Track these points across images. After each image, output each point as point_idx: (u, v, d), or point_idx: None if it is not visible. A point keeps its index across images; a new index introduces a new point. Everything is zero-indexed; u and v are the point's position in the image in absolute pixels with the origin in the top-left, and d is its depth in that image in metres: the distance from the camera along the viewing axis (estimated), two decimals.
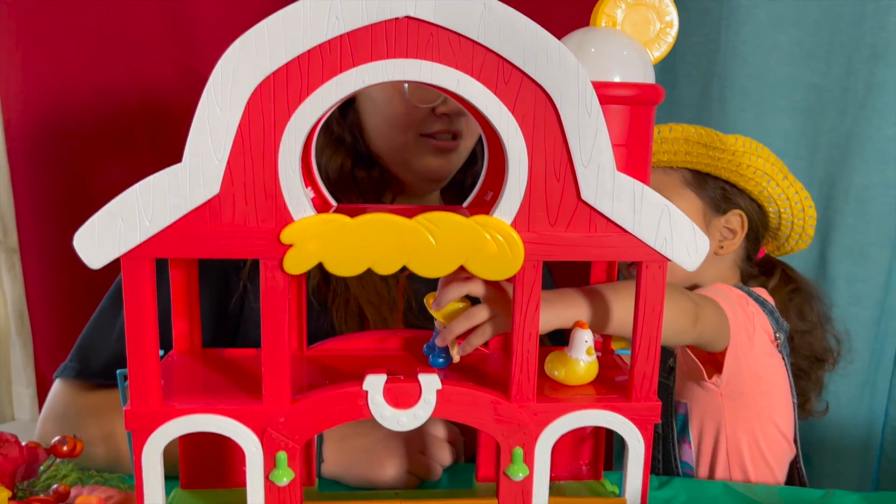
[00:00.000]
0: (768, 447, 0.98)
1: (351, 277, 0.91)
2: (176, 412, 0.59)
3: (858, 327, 1.24)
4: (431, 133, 0.94)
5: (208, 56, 1.34)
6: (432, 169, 0.96)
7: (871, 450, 1.33)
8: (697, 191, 1.00)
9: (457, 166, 1.00)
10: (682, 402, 1.00)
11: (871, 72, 1.18)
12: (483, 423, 0.62)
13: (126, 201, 0.56)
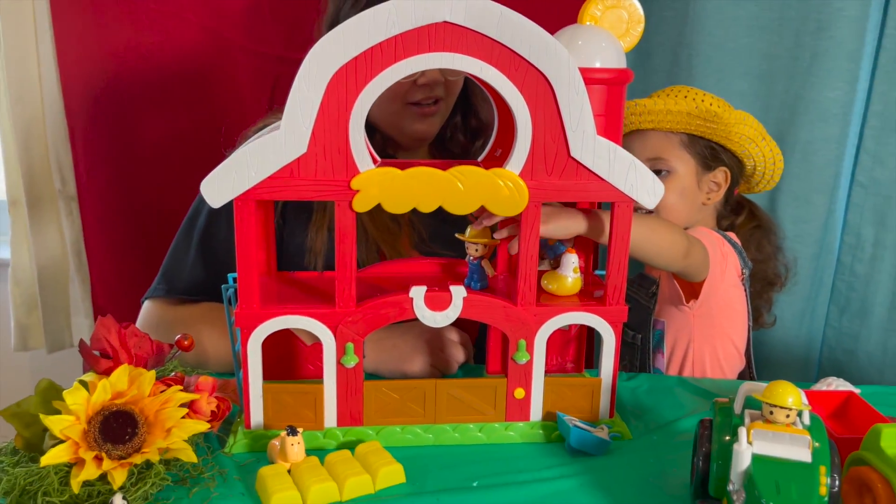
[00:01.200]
0: (724, 358, 1.22)
1: (368, 221, 1.11)
2: (273, 313, 0.81)
3: (801, 262, 1.47)
4: (416, 101, 1.12)
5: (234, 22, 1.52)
6: (419, 131, 1.15)
7: (811, 365, 1.57)
8: (691, 152, 1.19)
9: (440, 126, 1.19)
10: (659, 321, 1.22)
11: (816, 43, 1.37)
12: (497, 321, 0.84)
13: (239, 158, 0.75)
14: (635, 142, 1.19)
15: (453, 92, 1.16)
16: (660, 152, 1.15)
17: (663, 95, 1.18)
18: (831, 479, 0.67)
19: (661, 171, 1.16)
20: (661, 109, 1.12)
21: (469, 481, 0.78)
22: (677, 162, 1.16)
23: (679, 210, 1.19)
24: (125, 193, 1.56)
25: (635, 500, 0.76)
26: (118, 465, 0.71)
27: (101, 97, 1.51)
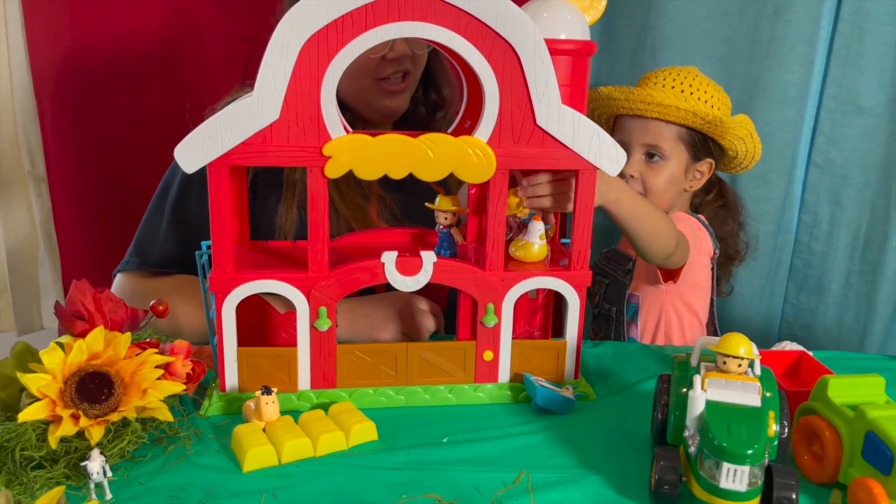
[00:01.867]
0: (689, 329, 1.27)
1: (338, 199, 1.13)
2: (247, 278, 0.83)
3: (761, 240, 1.52)
4: (385, 76, 1.14)
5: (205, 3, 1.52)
6: (389, 107, 1.17)
7: (771, 339, 1.62)
8: (685, 143, 1.24)
9: (407, 101, 1.21)
10: (635, 295, 1.28)
11: (774, 27, 1.42)
12: (466, 286, 0.87)
13: (212, 124, 0.77)
14: (636, 125, 1.22)
15: (420, 65, 1.19)
16: (658, 140, 1.20)
17: (668, 86, 1.21)
18: (780, 425, 0.71)
19: (655, 157, 1.22)
20: (670, 104, 1.17)
21: (439, 438, 0.81)
22: (672, 151, 1.22)
23: (665, 194, 1.25)
24: (95, 174, 1.56)
25: (598, 452, 0.79)
26: (95, 422, 0.72)
27: (71, 78, 1.51)
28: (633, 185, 1.22)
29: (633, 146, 1.23)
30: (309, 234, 0.82)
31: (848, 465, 0.72)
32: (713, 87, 1.23)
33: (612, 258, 1.32)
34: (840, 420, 0.73)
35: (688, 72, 1.24)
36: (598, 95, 1.26)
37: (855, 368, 1.02)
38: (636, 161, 1.23)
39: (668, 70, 1.25)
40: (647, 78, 1.26)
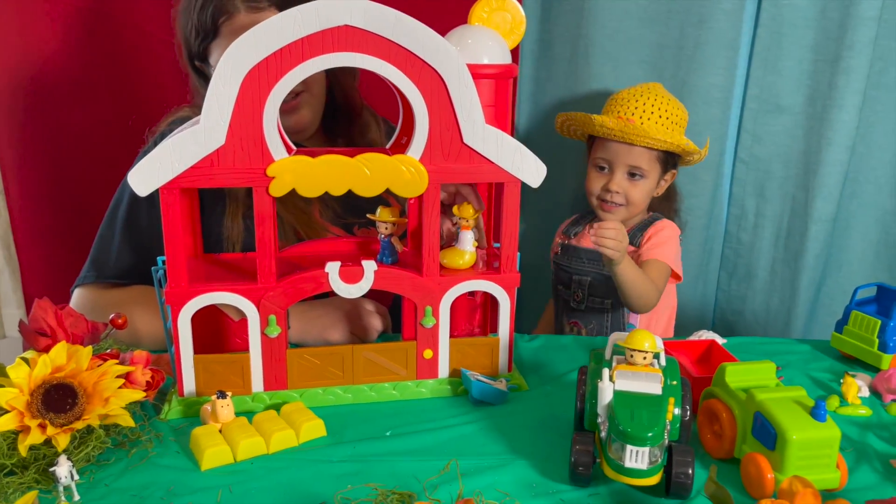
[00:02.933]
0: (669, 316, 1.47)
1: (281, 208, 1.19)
2: (200, 290, 0.89)
3: (693, 232, 1.62)
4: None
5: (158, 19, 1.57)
6: (290, 125, 1.22)
7: (706, 324, 1.73)
8: (660, 162, 1.38)
9: (313, 114, 1.25)
10: None
11: (698, 33, 1.51)
12: (405, 291, 0.95)
13: (162, 150, 0.83)
14: (621, 148, 1.36)
15: (313, 82, 1.22)
16: (641, 162, 1.35)
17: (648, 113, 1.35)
18: (682, 409, 0.80)
19: (636, 175, 1.37)
20: (661, 138, 1.32)
21: (383, 431, 0.89)
22: (651, 171, 1.37)
23: (642, 204, 1.41)
24: (53, 184, 1.60)
25: (527, 438, 0.88)
26: (61, 430, 0.78)
27: (26, 91, 1.55)
28: (616, 199, 1.37)
29: (617, 166, 1.36)
30: (257, 248, 0.89)
31: (741, 442, 0.81)
32: (680, 109, 1.40)
33: (586, 258, 1.43)
34: (735, 402, 0.83)
35: (661, 97, 1.38)
36: (590, 120, 1.37)
37: (765, 353, 1.13)
38: (620, 179, 1.37)
39: (644, 96, 1.37)
40: (625, 103, 1.37)
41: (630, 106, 1.37)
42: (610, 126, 1.34)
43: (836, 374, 1.07)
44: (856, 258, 1.65)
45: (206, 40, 1.16)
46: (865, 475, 0.82)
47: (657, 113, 1.36)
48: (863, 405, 0.96)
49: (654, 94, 1.39)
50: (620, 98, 1.40)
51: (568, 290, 1.45)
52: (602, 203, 1.41)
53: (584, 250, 1.45)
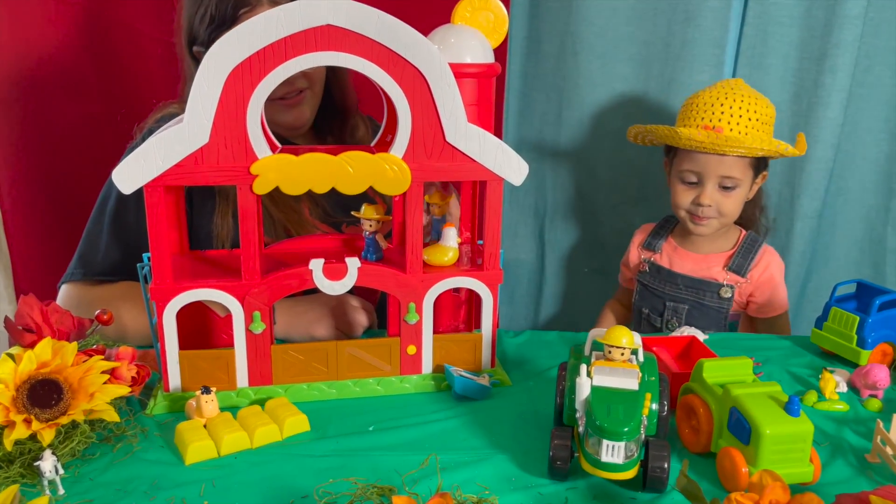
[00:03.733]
0: None
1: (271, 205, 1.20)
2: (185, 287, 0.90)
3: None
4: (280, 96, 1.20)
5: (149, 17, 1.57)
6: (289, 121, 1.24)
7: None
8: (753, 168, 1.33)
9: (312, 111, 1.27)
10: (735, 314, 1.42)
11: (685, 31, 1.52)
12: (389, 288, 0.96)
13: (147, 148, 0.84)
14: (710, 159, 1.29)
15: (315, 80, 1.24)
16: (734, 172, 1.29)
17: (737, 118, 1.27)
18: (660, 404, 0.81)
19: (729, 187, 1.31)
20: (751, 146, 1.25)
21: (366, 426, 0.90)
22: (744, 179, 1.32)
23: (735, 214, 1.36)
24: (44, 179, 1.60)
25: (507, 432, 0.89)
26: (46, 425, 0.79)
27: (14, 88, 1.54)
28: (708, 213, 1.31)
29: (708, 178, 1.30)
30: (241, 245, 0.90)
31: (718, 437, 0.83)
32: (766, 105, 1.31)
33: (683, 285, 1.40)
34: (711, 398, 0.84)
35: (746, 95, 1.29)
36: (675, 134, 1.29)
37: (746, 348, 1.14)
38: (711, 191, 1.31)
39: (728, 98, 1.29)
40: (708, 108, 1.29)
41: (715, 112, 1.28)
42: (699, 139, 1.26)
43: (815, 369, 1.08)
44: (841, 254, 1.67)
45: (219, 28, 1.13)
46: (839, 469, 0.83)
47: (746, 115, 1.27)
48: (840, 400, 0.98)
49: (738, 94, 1.29)
50: (701, 103, 1.31)
51: (659, 317, 1.42)
52: (693, 216, 1.35)
53: (680, 276, 1.40)
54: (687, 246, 1.44)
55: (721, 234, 1.41)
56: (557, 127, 1.64)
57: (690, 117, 1.33)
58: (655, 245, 1.46)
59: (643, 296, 1.46)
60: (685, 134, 1.29)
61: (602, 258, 1.71)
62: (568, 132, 1.64)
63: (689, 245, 1.44)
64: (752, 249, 1.39)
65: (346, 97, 1.34)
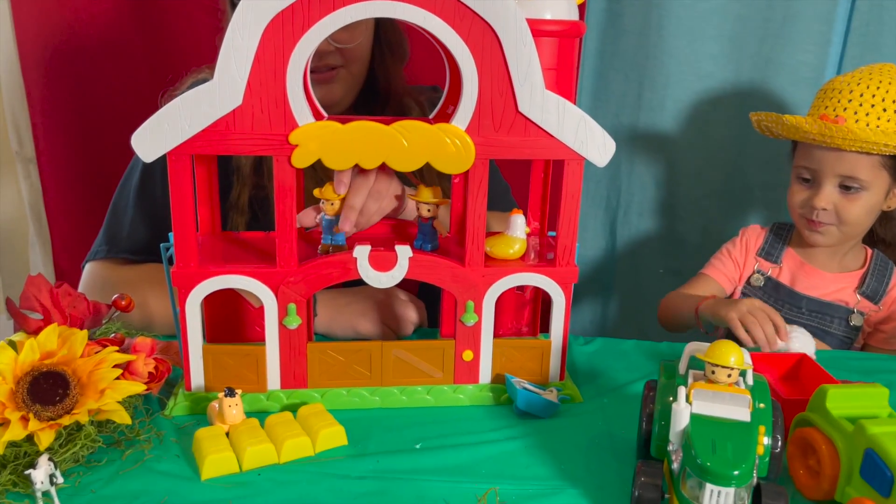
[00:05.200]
0: None
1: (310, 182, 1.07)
2: (212, 272, 0.78)
3: None
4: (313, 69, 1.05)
5: None
6: (323, 98, 1.08)
7: None
8: (887, 167, 1.11)
9: (346, 92, 1.13)
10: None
11: (788, 4, 1.35)
12: (444, 283, 0.82)
13: (171, 110, 0.72)
14: (828, 154, 1.10)
15: (355, 59, 1.11)
16: (855, 171, 1.09)
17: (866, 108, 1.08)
18: (773, 439, 0.66)
19: (852, 188, 1.11)
20: (873, 140, 1.05)
21: (412, 443, 0.77)
22: (873, 180, 1.11)
23: (863, 223, 1.15)
24: (85, 154, 1.53)
25: (579, 461, 0.75)
26: (46, 426, 0.69)
27: (59, 58, 1.47)
28: (825, 218, 1.12)
29: (825, 176, 1.11)
30: (276, 226, 0.78)
31: (845, 483, 0.67)
32: None
33: (807, 308, 1.20)
34: (838, 434, 0.68)
35: (887, 82, 1.08)
36: (779, 121, 1.14)
37: (861, 369, 0.97)
38: (828, 192, 1.11)
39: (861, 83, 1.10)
40: (837, 94, 1.11)
41: (843, 99, 1.09)
42: (807, 129, 1.09)
43: None
44: None
45: None
46: None
47: (881, 106, 1.06)
48: None
49: (877, 79, 1.09)
50: (830, 89, 1.13)
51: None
52: (808, 221, 1.15)
53: (805, 298, 1.19)
54: (812, 261, 1.22)
55: (849, 248, 1.20)
56: (636, 110, 1.48)
57: (816, 105, 1.15)
58: (776, 255, 1.24)
59: None
60: (791, 122, 1.11)
61: (680, 258, 1.54)
62: (648, 116, 1.48)
63: (813, 260, 1.22)
64: (886, 271, 1.19)
65: (393, 83, 1.19)
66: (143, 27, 1.48)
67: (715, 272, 1.27)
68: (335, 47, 1.07)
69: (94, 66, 1.50)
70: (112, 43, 1.49)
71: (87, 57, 1.49)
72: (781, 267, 1.24)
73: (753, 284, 1.24)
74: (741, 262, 1.27)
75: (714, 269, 1.28)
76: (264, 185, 1.08)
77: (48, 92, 1.49)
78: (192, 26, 1.47)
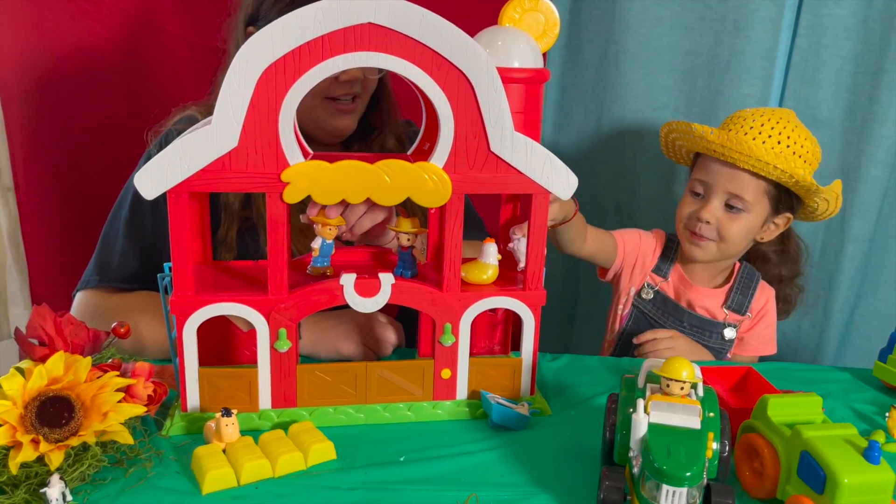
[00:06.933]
0: None
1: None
2: (207, 300, 0.84)
3: None
4: (335, 97, 1.14)
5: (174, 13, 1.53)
6: (338, 127, 1.18)
7: None
8: (770, 197, 1.19)
9: (356, 122, 1.21)
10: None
11: (734, 42, 1.45)
12: (423, 307, 0.89)
13: (171, 151, 0.78)
14: (723, 170, 1.18)
15: (369, 90, 1.19)
16: (743, 192, 1.17)
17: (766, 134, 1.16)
18: (721, 444, 0.74)
19: (736, 208, 1.18)
20: (768, 161, 1.13)
21: (397, 456, 0.83)
22: (756, 205, 1.18)
23: (738, 245, 1.23)
24: (63, 183, 1.56)
25: (550, 468, 0.82)
26: (55, 447, 0.73)
27: (38, 87, 1.51)
28: (707, 232, 1.19)
29: (715, 191, 1.19)
30: (269, 256, 0.84)
31: (785, 483, 0.75)
32: (810, 142, 1.19)
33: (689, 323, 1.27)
34: (778, 438, 0.76)
35: (787, 120, 1.18)
36: (690, 131, 1.21)
37: (802, 380, 1.06)
38: (715, 207, 1.19)
39: (765, 114, 1.19)
40: (741, 120, 1.20)
41: (745, 125, 1.18)
42: (710, 139, 1.16)
43: (880, 406, 1.00)
44: (893, 280, 1.58)
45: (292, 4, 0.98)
46: None
47: (776, 137, 1.15)
48: None
49: (781, 116, 1.18)
50: (738, 115, 1.22)
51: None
52: (690, 233, 1.23)
53: (687, 313, 1.26)
54: (691, 277, 1.30)
55: (723, 268, 1.29)
56: (596, 139, 1.57)
57: (722, 126, 1.23)
58: (665, 271, 1.30)
59: (639, 324, 1.30)
60: (698, 132, 1.18)
61: None
62: (606, 145, 1.58)
63: (692, 276, 1.30)
64: (752, 283, 1.27)
65: (391, 112, 1.27)
66: (124, 60, 1.52)
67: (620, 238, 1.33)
68: (364, 76, 1.13)
69: (74, 97, 1.54)
70: (92, 75, 1.52)
71: (67, 88, 1.52)
72: (668, 281, 1.31)
73: (644, 297, 1.31)
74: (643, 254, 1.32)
75: (620, 236, 1.33)
76: (250, 216, 1.13)
77: (27, 122, 1.52)
78: (173, 60, 1.52)
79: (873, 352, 1.09)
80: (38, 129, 1.52)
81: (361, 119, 1.22)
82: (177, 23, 1.54)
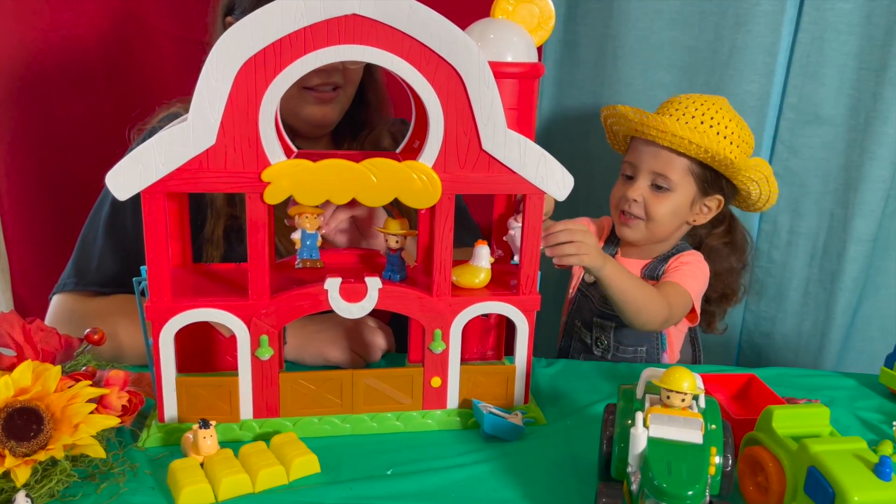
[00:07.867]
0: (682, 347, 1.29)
1: None
2: (185, 306, 0.80)
3: None
4: (312, 86, 1.09)
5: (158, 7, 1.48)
6: (316, 116, 1.12)
7: (731, 347, 1.63)
8: (695, 176, 1.18)
9: (339, 114, 1.16)
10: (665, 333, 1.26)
11: (735, 37, 1.41)
12: (412, 312, 0.85)
13: (145, 150, 0.74)
14: (648, 150, 1.17)
15: (352, 80, 1.14)
16: (667, 170, 1.16)
17: (688, 115, 1.16)
18: (724, 458, 0.70)
19: (662, 187, 1.17)
20: (682, 136, 1.12)
21: (384, 469, 0.79)
22: (679, 183, 1.17)
23: (667, 225, 1.20)
24: (46, 185, 1.52)
25: (544, 483, 0.78)
26: (22, 462, 0.70)
27: (18, 85, 1.46)
28: (635, 210, 1.19)
29: (641, 171, 1.18)
30: (249, 260, 0.80)
31: (791, 499, 0.71)
32: (735, 123, 1.17)
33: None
34: (784, 452, 0.73)
35: (713, 102, 1.17)
36: (616, 112, 1.21)
37: (806, 386, 1.03)
38: (642, 186, 1.18)
39: (693, 98, 1.18)
40: (670, 103, 1.20)
41: (671, 107, 1.18)
42: (630, 117, 1.16)
43: (887, 414, 0.96)
44: (895, 281, 1.55)
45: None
46: None
47: (699, 118, 1.15)
48: None
49: (712, 101, 1.18)
50: (674, 99, 1.21)
51: (589, 333, 1.26)
52: (621, 214, 1.22)
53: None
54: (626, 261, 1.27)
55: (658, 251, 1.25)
56: (592, 136, 1.53)
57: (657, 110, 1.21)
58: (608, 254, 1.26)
59: (581, 309, 1.29)
60: (622, 111, 1.18)
61: None
62: (604, 143, 1.53)
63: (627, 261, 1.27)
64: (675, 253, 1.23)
65: (381, 107, 1.22)
66: (107, 57, 1.48)
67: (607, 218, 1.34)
68: (343, 66, 1.09)
69: (57, 95, 1.49)
70: (75, 72, 1.48)
71: (50, 86, 1.48)
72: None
73: (587, 281, 1.29)
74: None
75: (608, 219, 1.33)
76: (237, 215, 1.09)
77: (8, 121, 1.47)
78: (157, 57, 1.48)
79: (875, 354, 1.06)
80: (19, 128, 1.47)
81: (350, 114, 1.18)
82: (162, 16, 1.49)
